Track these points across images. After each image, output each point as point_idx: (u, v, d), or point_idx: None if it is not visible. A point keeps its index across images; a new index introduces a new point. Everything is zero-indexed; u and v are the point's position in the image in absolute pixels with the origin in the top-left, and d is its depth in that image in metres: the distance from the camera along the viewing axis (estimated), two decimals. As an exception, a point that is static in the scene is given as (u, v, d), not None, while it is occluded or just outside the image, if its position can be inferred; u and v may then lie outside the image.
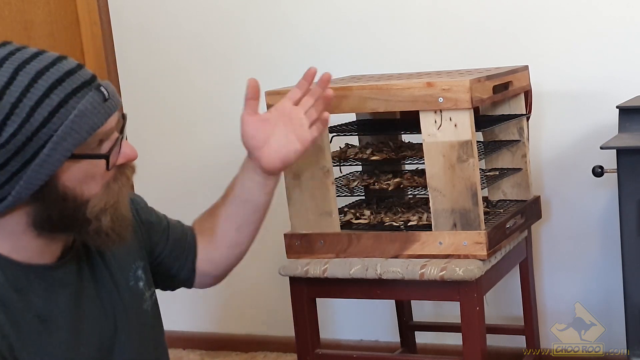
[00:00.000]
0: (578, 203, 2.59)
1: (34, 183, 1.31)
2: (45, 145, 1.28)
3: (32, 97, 1.27)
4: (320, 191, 2.15)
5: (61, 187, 1.33)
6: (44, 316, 1.39)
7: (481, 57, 2.58)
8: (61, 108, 1.29)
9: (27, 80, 1.28)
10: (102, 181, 1.37)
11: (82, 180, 1.34)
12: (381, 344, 2.89)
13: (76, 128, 1.30)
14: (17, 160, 1.29)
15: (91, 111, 1.31)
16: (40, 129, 1.28)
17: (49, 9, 3.12)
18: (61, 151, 1.30)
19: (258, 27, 2.88)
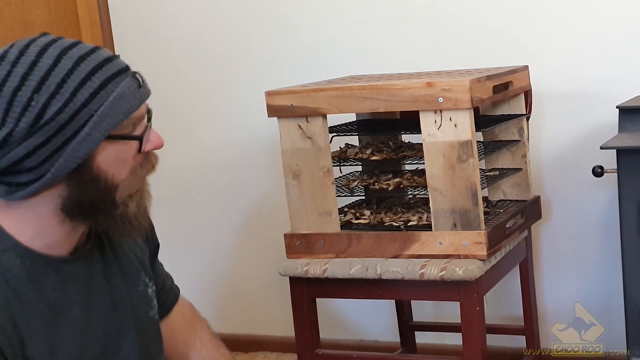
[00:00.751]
0: (578, 203, 2.59)
1: (72, 161, 1.36)
2: (85, 124, 1.35)
3: (75, 79, 1.34)
4: (320, 191, 2.15)
5: (95, 169, 1.39)
6: (56, 307, 1.43)
7: (481, 57, 2.58)
8: (101, 90, 1.36)
9: (70, 64, 1.35)
10: (130, 166, 1.43)
11: (115, 164, 1.40)
12: (381, 344, 2.89)
13: (114, 109, 1.37)
14: (59, 137, 1.34)
15: (128, 95, 1.39)
16: (82, 109, 1.34)
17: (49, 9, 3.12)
18: (100, 130, 1.36)
19: (258, 27, 2.88)
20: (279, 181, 2.27)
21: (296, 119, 2.14)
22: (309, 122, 2.13)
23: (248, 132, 2.91)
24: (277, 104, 2.15)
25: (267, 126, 2.37)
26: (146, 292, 1.62)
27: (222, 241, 3.03)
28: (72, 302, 1.46)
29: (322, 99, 2.10)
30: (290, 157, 2.16)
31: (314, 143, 2.13)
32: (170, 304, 1.77)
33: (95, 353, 1.49)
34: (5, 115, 1.33)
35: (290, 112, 2.13)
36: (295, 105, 2.13)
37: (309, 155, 2.14)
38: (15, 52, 1.36)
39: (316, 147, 2.13)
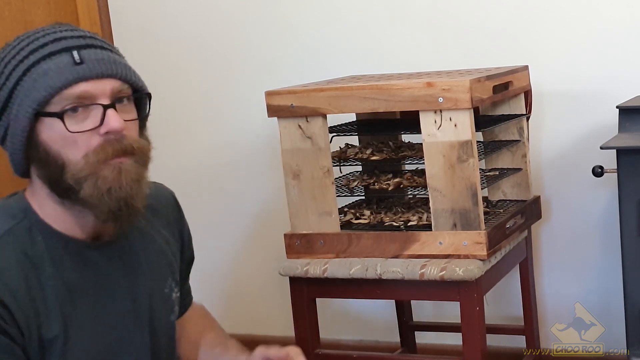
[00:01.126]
0: (578, 203, 2.59)
1: (17, 137, 1.42)
2: (15, 101, 1.41)
3: (16, 59, 1.42)
4: (320, 191, 2.15)
5: (42, 147, 1.42)
6: (72, 288, 1.47)
7: (481, 57, 2.58)
8: (32, 68, 1.40)
9: (19, 47, 1.43)
10: (82, 149, 1.41)
11: (59, 142, 1.41)
12: (381, 344, 2.89)
13: (37, 86, 1.39)
14: (5, 116, 1.43)
15: (55, 71, 1.39)
16: (15, 86, 1.41)
17: (49, 9, 3.12)
18: (25, 107, 1.40)
19: (258, 27, 2.88)
20: (279, 181, 2.27)
21: (296, 119, 2.13)
22: (309, 122, 2.13)
23: (248, 132, 2.91)
24: (277, 104, 2.15)
25: (267, 126, 2.37)
26: (170, 295, 1.65)
27: (222, 241, 3.02)
28: (88, 286, 1.49)
29: (322, 99, 2.10)
30: (290, 157, 2.16)
31: (314, 143, 2.13)
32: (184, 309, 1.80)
33: (106, 343, 1.52)
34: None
35: (290, 112, 2.13)
36: (295, 105, 2.13)
37: (309, 155, 2.14)
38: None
39: (316, 147, 2.13)
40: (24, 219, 1.47)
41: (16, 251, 1.43)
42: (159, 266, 1.62)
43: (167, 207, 1.71)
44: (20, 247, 1.43)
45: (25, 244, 1.44)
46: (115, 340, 1.53)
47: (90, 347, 1.49)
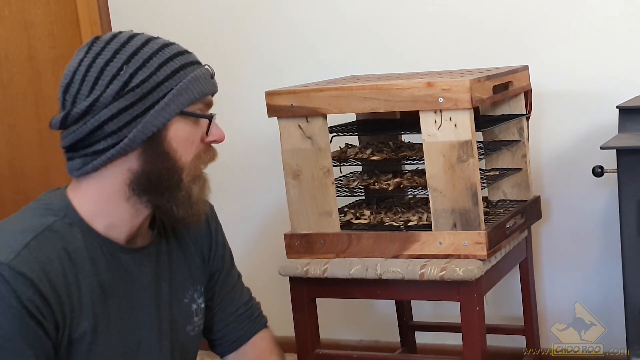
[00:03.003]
0: (578, 203, 2.59)
1: (148, 129, 1.48)
2: (165, 96, 1.48)
3: (160, 58, 1.50)
4: (320, 191, 2.15)
5: (166, 144, 1.50)
6: (106, 289, 1.50)
7: (481, 57, 2.58)
8: (181, 70, 1.51)
9: (156, 47, 1.51)
10: (195, 151, 1.53)
11: (183, 143, 1.51)
12: (381, 344, 2.89)
13: (191, 88, 1.51)
14: (140, 105, 1.47)
15: (203, 79, 1.53)
16: (163, 82, 1.48)
17: (49, 9, 3.12)
18: (177, 103, 1.49)
19: (258, 27, 2.88)
20: (279, 181, 2.27)
21: (296, 119, 2.14)
22: (309, 122, 2.13)
23: (248, 132, 2.91)
24: (277, 104, 2.15)
25: (267, 126, 2.37)
26: (190, 306, 1.67)
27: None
28: (119, 288, 1.53)
29: (322, 99, 2.10)
30: (290, 157, 2.16)
31: (314, 143, 2.13)
32: (245, 334, 1.81)
33: (130, 345, 1.54)
34: (94, 83, 1.47)
35: (290, 112, 2.13)
36: (295, 105, 2.13)
37: (309, 155, 2.14)
38: (109, 35, 1.52)
39: (316, 147, 2.13)
40: (65, 216, 1.50)
41: (56, 247, 1.45)
42: (180, 275, 1.65)
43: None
44: (60, 243, 1.46)
45: (65, 240, 1.47)
46: (138, 344, 1.56)
47: (115, 348, 1.51)
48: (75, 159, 1.52)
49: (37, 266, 1.41)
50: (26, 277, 1.39)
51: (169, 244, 1.65)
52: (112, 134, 1.48)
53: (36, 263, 1.41)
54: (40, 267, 1.41)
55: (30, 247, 1.42)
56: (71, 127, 1.50)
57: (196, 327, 1.69)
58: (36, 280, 1.40)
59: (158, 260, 1.61)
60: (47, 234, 1.46)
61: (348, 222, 2.21)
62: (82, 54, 1.51)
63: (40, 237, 1.45)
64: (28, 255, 1.41)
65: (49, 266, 1.43)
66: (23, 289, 1.38)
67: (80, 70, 1.49)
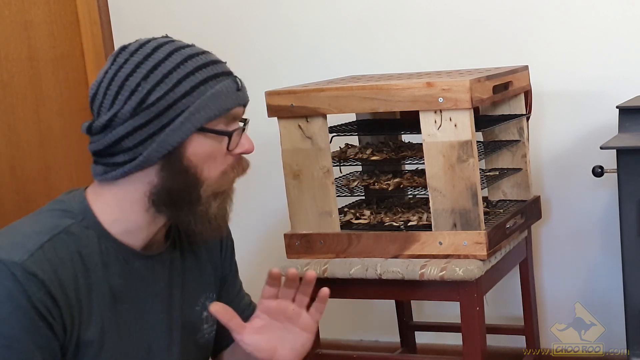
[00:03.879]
0: (578, 203, 2.59)
1: (164, 147, 1.46)
2: (181, 114, 1.46)
3: (180, 73, 1.47)
4: (320, 191, 2.15)
5: (186, 160, 1.48)
6: (116, 295, 1.50)
7: (481, 57, 2.58)
8: (201, 86, 1.48)
9: (179, 59, 1.49)
10: (221, 167, 1.51)
11: (204, 159, 1.49)
12: (381, 344, 2.89)
13: (210, 104, 1.48)
14: (156, 122, 1.45)
15: (225, 94, 1.50)
16: (181, 99, 1.46)
17: (49, 9, 3.12)
18: (193, 121, 1.46)
19: (258, 27, 2.88)
20: (279, 181, 2.27)
21: (296, 119, 2.14)
22: (309, 122, 2.13)
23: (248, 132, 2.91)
24: (277, 104, 2.15)
25: (267, 126, 2.37)
26: (201, 313, 1.66)
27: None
28: (131, 294, 1.52)
29: (322, 99, 2.10)
30: (290, 157, 2.16)
31: (314, 143, 2.13)
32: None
33: (139, 353, 1.54)
34: (115, 97, 1.47)
35: (290, 112, 2.14)
36: (295, 105, 2.13)
37: (309, 155, 2.14)
38: (136, 44, 1.51)
39: (316, 147, 2.13)
40: (83, 220, 1.49)
41: (71, 249, 1.45)
42: (192, 282, 1.65)
43: None
44: (75, 246, 1.46)
45: (80, 244, 1.47)
46: (148, 352, 1.55)
47: (124, 354, 1.51)
48: (98, 165, 1.52)
49: (50, 268, 1.41)
50: (38, 278, 1.39)
51: (182, 251, 1.64)
52: (128, 150, 1.47)
53: (48, 265, 1.41)
54: (52, 268, 1.41)
55: (45, 249, 1.42)
56: (95, 136, 1.50)
57: (206, 334, 1.68)
58: (47, 282, 1.40)
59: (171, 267, 1.61)
60: (63, 237, 1.46)
61: (348, 222, 2.21)
62: (109, 64, 1.51)
63: (56, 239, 1.44)
64: (42, 256, 1.41)
65: (61, 268, 1.42)
66: (34, 289, 1.38)
67: (104, 82, 1.49)
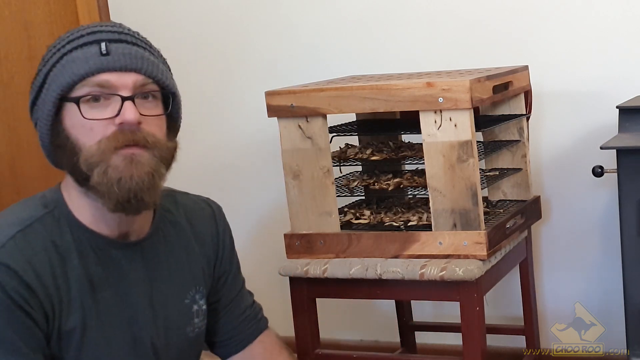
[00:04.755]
0: (578, 203, 2.59)
1: (43, 122, 1.46)
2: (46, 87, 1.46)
3: (54, 49, 1.48)
4: (320, 191, 2.15)
5: (64, 133, 1.45)
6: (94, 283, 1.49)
7: (481, 57, 2.58)
8: (65, 55, 1.45)
9: (65, 36, 1.49)
10: (97, 136, 1.43)
11: (76, 127, 1.44)
12: (381, 344, 2.89)
13: (63, 72, 1.44)
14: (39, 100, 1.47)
15: (81, 59, 1.43)
16: (49, 72, 1.46)
17: (49, 9, 3.12)
18: (51, 92, 1.45)
19: (258, 27, 2.88)
20: (279, 181, 2.27)
21: (296, 119, 2.14)
22: (309, 122, 2.13)
23: (248, 132, 2.91)
24: (277, 104, 2.15)
25: (267, 126, 2.37)
26: (190, 307, 1.64)
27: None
28: (110, 283, 1.51)
29: (322, 99, 2.10)
30: (290, 157, 2.16)
31: (314, 143, 2.13)
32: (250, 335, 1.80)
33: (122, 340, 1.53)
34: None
35: (290, 112, 2.13)
36: (295, 105, 2.13)
37: (309, 155, 2.14)
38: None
39: (316, 147, 2.13)
40: (55, 209, 1.50)
41: (45, 239, 1.45)
42: (181, 275, 1.63)
43: (203, 220, 1.72)
44: (49, 236, 1.46)
45: (54, 234, 1.47)
46: (131, 339, 1.55)
47: (107, 343, 1.51)
48: None
49: (22, 258, 1.41)
50: (10, 268, 1.39)
51: (169, 242, 1.62)
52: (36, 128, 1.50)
53: (20, 255, 1.41)
54: (25, 259, 1.41)
55: (16, 239, 1.43)
56: None
57: (197, 328, 1.66)
58: (20, 272, 1.40)
59: (154, 257, 1.58)
60: (36, 226, 1.46)
61: (348, 222, 2.21)
62: None
63: (28, 229, 1.45)
64: (13, 247, 1.41)
65: (34, 258, 1.42)
66: (6, 279, 1.39)
67: None
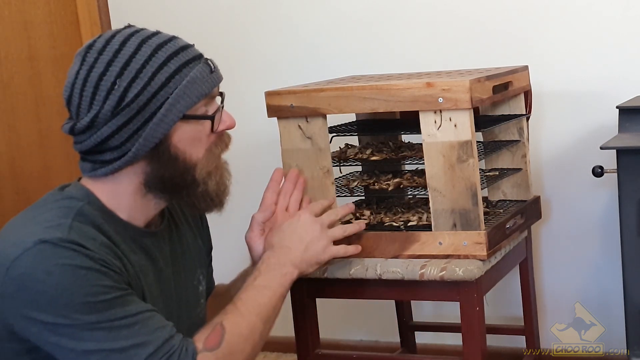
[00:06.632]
0: (578, 203, 2.59)
1: (150, 141, 1.49)
2: (162, 106, 1.48)
3: (153, 65, 1.49)
4: (320, 191, 2.15)
5: (173, 148, 1.51)
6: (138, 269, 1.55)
7: (481, 57, 2.58)
8: (176, 75, 1.50)
9: (149, 51, 1.50)
10: (205, 145, 1.56)
11: (190, 143, 1.53)
12: (381, 344, 2.89)
13: (188, 92, 1.50)
14: (139, 118, 1.48)
15: (200, 79, 1.53)
16: (158, 92, 1.48)
17: (49, 9, 3.12)
18: (175, 112, 1.49)
19: (258, 27, 2.88)
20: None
21: (296, 119, 2.14)
22: (309, 122, 2.13)
23: (248, 132, 2.91)
24: (276, 104, 2.15)
25: (267, 126, 2.37)
26: (198, 288, 1.73)
27: (222, 241, 3.02)
28: (148, 270, 1.57)
29: (322, 99, 2.10)
30: (290, 157, 2.16)
31: (313, 143, 2.13)
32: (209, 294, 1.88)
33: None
34: (92, 98, 1.48)
35: (290, 112, 2.13)
36: (295, 106, 2.13)
37: (309, 156, 2.14)
38: (102, 41, 1.51)
39: (316, 147, 2.13)
40: (89, 203, 1.53)
41: (93, 227, 1.49)
42: (190, 259, 1.71)
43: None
44: (94, 225, 1.50)
45: (96, 223, 1.50)
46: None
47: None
48: (86, 162, 1.55)
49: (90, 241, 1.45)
50: (86, 247, 1.43)
51: (177, 228, 1.70)
52: (115, 148, 1.50)
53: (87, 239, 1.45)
54: (91, 242, 1.45)
55: (75, 227, 1.46)
56: (79, 137, 1.52)
57: (202, 309, 1.73)
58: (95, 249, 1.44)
59: (172, 243, 1.66)
60: (79, 218, 1.49)
61: (348, 222, 2.21)
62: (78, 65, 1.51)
63: (76, 219, 1.48)
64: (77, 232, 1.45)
65: (97, 242, 1.46)
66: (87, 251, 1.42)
67: (77, 83, 1.50)
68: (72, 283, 1.40)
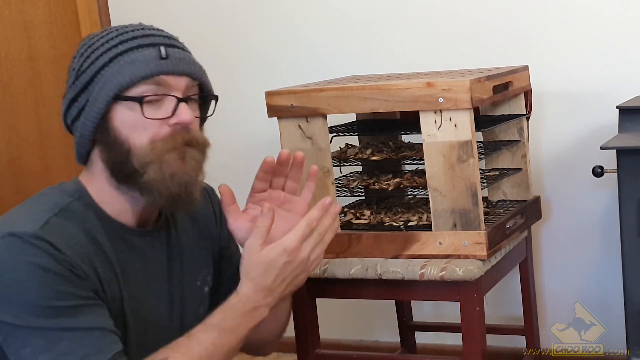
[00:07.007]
0: (578, 203, 2.59)
1: (90, 120, 1.48)
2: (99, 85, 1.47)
3: (106, 46, 1.49)
4: (320, 191, 2.15)
5: (114, 131, 1.48)
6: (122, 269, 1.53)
7: (481, 57, 2.58)
8: (120, 56, 1.48)
9: (112, 36, 1.51)
10: (149, 134, 1.48)
11: (130, 128, 1.48)
12: (381, 344, 2.89)
13: (122, 72, 1.47)
14: (83, 96, 1.49)
15: (142, 62, 1.47)
16: (100, 71, 1.48)
17: (49, 9, 3.12)
18: (106, 90, 1.46)
19: (258, 27, 2.88)
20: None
21: (296, 119, 2.14)
22: (309, 123, 2.13)
23: (248, 133, 2.91)
24: (277, 104, 2.15)
25: (267, 126, 2.37)
26: (202, 289, 1.70)
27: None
28: (135, 269, 1.55)
29: (322, 99, 2.10)
30: (290, 157, 2.16)
31: (314, 143, 2.13)
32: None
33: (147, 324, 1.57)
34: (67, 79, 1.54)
35: (290, 112, 2.13)
36: (295, 106, 2.13)
37: (309, 156, 2.14)
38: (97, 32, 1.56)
39: (316, 148, 2.13)
40: (80, 198, 1.52)
41: (76, 225, 1.48)
42: (192, 259, 1.68)
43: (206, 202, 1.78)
44: (78, 222, 1.49)
45: (82, 220, 1.49)
46: (154, 324, 1.58)
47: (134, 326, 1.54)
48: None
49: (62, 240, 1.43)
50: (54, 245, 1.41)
51: (178, 227, 1.67)
52: (74, 129, 1.52)
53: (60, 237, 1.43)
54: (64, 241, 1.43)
55: (51, 223, 1.44)
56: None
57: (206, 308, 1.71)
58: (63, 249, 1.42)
59: (169, 243, 1.64)
60: (64, 214, 1.48)
61: (348, 222, 2.21)
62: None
63: (60, 214, 1.47)
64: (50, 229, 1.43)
65: (72, 240, 1.45)
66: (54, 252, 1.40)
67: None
68: (28, 282, 1.38)
